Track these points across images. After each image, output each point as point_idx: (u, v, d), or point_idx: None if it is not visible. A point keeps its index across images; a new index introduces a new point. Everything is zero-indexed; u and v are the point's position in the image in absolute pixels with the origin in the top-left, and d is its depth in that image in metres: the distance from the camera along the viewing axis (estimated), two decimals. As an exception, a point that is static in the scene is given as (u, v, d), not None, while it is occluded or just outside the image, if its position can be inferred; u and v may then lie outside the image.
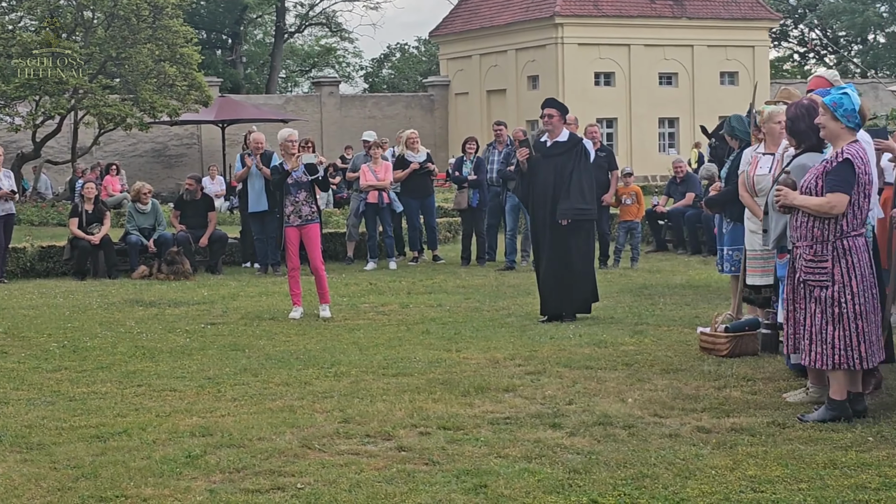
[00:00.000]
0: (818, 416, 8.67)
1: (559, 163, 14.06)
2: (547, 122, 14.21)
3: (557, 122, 14.22)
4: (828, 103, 8.70)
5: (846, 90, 8.78)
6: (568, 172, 14.00)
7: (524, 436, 8.40)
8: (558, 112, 14.27)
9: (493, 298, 16.36)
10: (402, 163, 21.62)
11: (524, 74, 54.94)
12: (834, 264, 8.61)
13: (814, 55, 78.31)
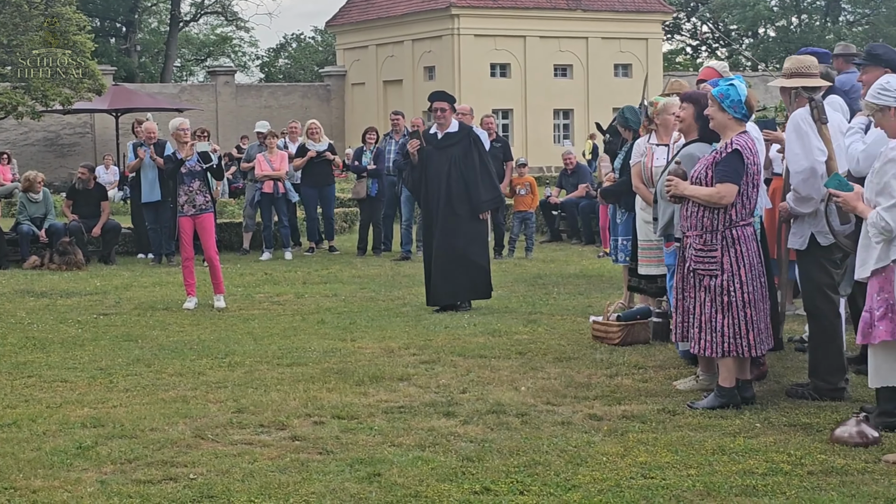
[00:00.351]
0: (707, 404, 8.81)
1: (453, 153, 14.12)
2: (440, 115, 14.25)
3: (449, 115, 14.31)
4: (715, 94, 8.84)
5: (733, 81, 8.92)
6: (472, 163, 14.07)
7: (418, 424, 8.44)
8: (448, 105, 14.36)
9: (388, 288, 16.38)
10: (302, 152, 21.55)
11: (421, 65, 54.98)
12: (723, 253, 8.74)
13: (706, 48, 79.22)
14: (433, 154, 14.17)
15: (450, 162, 14.07)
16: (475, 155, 14.18)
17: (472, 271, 14.11)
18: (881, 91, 7.48)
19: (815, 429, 8.22)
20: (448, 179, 14.03)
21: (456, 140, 14.21)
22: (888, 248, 7.29)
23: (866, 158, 8.24)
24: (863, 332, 7.47)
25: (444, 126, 14.26)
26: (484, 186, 14.15)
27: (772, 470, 7.22)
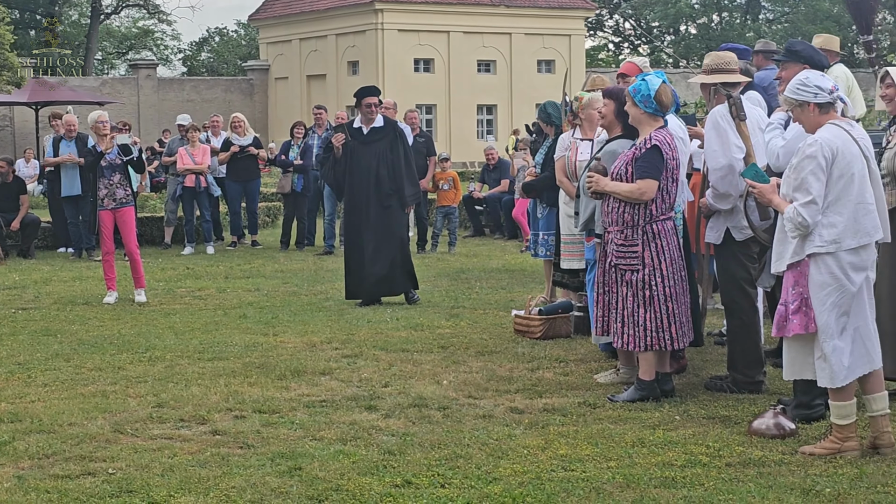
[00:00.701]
0: (627, 396, 8.87)
1: (380, 148, 14.08)
2: (373, 110, 14.18)
3: (377, 110, 14.28)
4: (630, 90, 8.92)
5: (646, 77, 8.97)
6: (398, 157, 14.07)
7: (340, 418, 8.43)
8: (378, 100, 14.33)
9: (311, 283, 16.34)
10: (227, 146, 21.43)
11: (344, 60, 54.89)
12: (644, 248, 8.80)
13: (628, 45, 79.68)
14: (359, 149, 14.11)
15: (377, 157, 14.04)
16: (400, 150, 14.18)
17: (407, 263, 14.13)
18: (800, 86, 7.56)
19: (733, 421, 8.30)
20: (377, 174, 14.00)
21: (382, 135, 14.18)
22: (803, 242, 7.37)
23: (786, 154, 8.32)
24: (778, 325, 7.55)
25: (371, 121, 14.21)
26: (408, 181, 14.17)
27: (690, 462, 7.29)
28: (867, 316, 7.49)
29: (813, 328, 7.38)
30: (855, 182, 7.35)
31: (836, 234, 7.31)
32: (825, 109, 7.51)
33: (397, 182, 14.04)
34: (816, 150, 7.31)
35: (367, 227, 14.00)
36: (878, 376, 7.54)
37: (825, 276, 7.34)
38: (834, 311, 7.35)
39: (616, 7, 77.88)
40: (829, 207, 7.33)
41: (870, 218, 7.40)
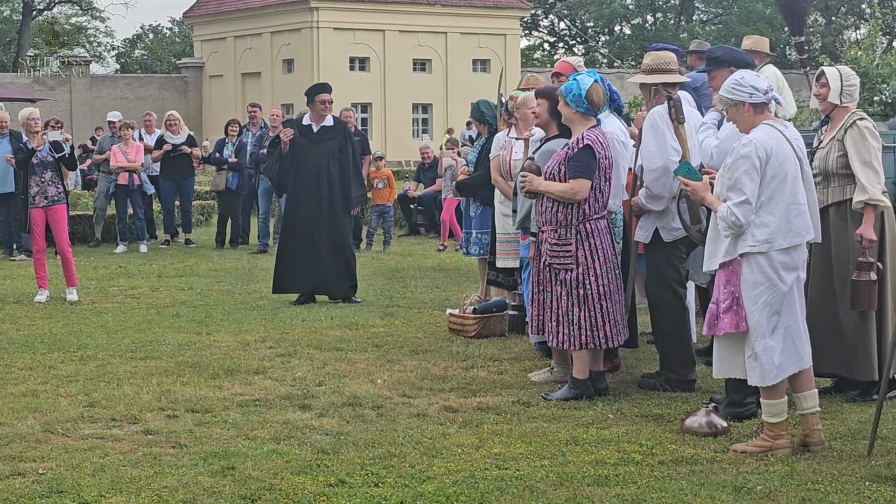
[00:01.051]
0: (561, 395, 8.90)
1: (329, 148, 14.01)
2: (327, 108, 14.08)
3: (330, 107, 14.17)
4: (562, 90, 8.95)
5: (577, 76, 9.00)
6: (347, 158, 14.02)
7: (273, 417, 8.40)
8: (330, 97, 14.22)
9: (245, 281, 16.27)
10: (161, 144, 21.28)
11: (279, 58, 54.71)
12: (578, 247, 8.83)
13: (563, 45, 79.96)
14: (308, 147, 13.99)
15: (327, 156, 13.96)
16: (349, 150, 14.12)
17: (350, 267, 14.08)
18: (735, 86, 7.61)
19: (665, 419, 8.35)
20: (328, 174, 13.92)
21: (333, 134, 14.09)
22: (736, 242, 7.42)
23: (720, 154, 8.38)
24: (709, 324, 7.60)
25: (322, 118, 14.12)
26: (356, 183, 14.13)
27: (623, 460, 7.32)
28: (798, 315, 7.56)
29: (744, 327, 7.44)
30: (788, 182, 7.41)
31: (768, 233, 7.37)
32: (760, 109, 7.57)
33: (344, 183, 13.98)
34: (751, 150, 7.36)
35: (310, 225, 13.91)
36: (808, 375, 7.61)
37: (757, 276, 7.39)
38: (765, 310, 7.41)
39: (551, 7, 78.12)
40: (762, 207, 7.39)
41: (802, 218, 7.47)
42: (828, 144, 8.67)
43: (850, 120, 8.63)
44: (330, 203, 13.91)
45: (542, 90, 9.75)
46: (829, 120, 8.80)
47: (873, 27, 20.78)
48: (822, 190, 8.68)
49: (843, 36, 72.04)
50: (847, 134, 8.58)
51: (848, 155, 8.56)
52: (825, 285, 8.71)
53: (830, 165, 8.63)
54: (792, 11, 14.29)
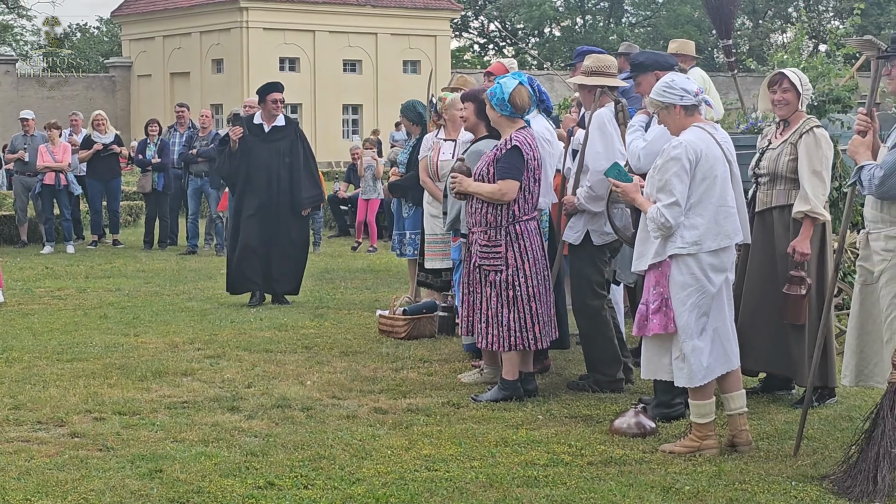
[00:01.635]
0: (491, 396, 8.91)
1: (280, 148, 13.93)
2: (279, 107, 14.00)
3: (281, 107, 14.09)
4: (487, 94, 8.98)
5: (500, 80, 9.01)
6: (297, 159, 13.95)
7: (202, 419, 8.34)
8: (282, 97, 14.13)
9: (173, 283, 16.17)
10: (88, 144, 21.09)
11: (209, 58, 54.40)
12: (507, 249, 8.85)
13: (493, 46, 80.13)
14: (258, 146, 13.91)
15: (278, 156, 13.89)
16: (301, 151, 14.06)
17: (300, 265, 14.03)
18: (665, 89, 7.65)
19: (595, 420, 8.39)
20: (277, 173, 13.85)
21: (284, 134, 14.02)
22: (665, 243, 7.46)
23: (647, 155, 8.42)
24: (638, 325, 7.64)
25: (274, 118, 14.04)
26: (307, 183, 14.05)
27: (553, 461, 7.35)
28: (726, 317, 7.62)
29: (672, 328, 7.48)
30: (717, 185, 7.46)
31: (697, 235, 7.42)
32: (690, 112, 7.62)
33: (294, 183, 13.91)
34: (681, 151, 7.40)
35: (261, 225, 13.84)
36: (735, 375, 7.67)
37: (686, 277, 7.44)
38: (694, 311, 7.46)
39: (481, 9, 78.28)
40: (692, 209, 7.43)
41: (731, 220, 7.53)
42: (780, 147, 8.66)
43: (806, 126, 8.62)
44: (279, 203, 13.85)
45: (468, 94, 9.76)
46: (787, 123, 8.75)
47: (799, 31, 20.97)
48: (767, 191, 8.72)
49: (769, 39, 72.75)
50: (802, 139, 8.58)
51: (798, 160, 8.58)
52: (768, 287, 8.73)
53: (780, 168, 8.63)
54: (719, 15, 14.37)
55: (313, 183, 14.27)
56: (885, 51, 7.22)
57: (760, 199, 8.77)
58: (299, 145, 14.08)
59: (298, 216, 14.09)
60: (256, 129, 13.99)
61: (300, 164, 14.00)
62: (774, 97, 8.67)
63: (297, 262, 14.07)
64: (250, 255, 13.80)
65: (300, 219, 14.18)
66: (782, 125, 8.77)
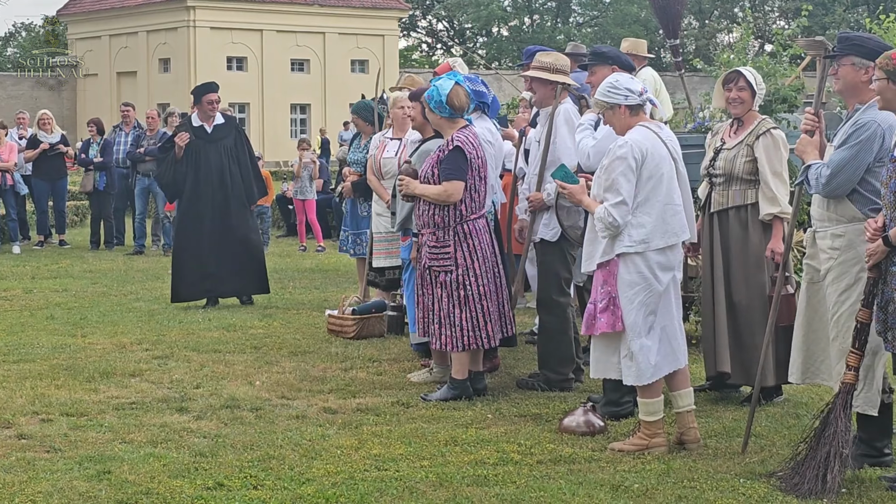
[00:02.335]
0: (441, 395, 8.92)
1: (226, 145, 13.87)
2: (216, 107, 13.94)
3: (218, 107, 14.03)
4: (425, 97, 8.97)
5: (436, 82, 9.00)
6: (244, 154, 13.92)
7: (150, 420, 8.30)
8: (218, 97, 14.08)
9: (121, 283, 16.07)
10: (35, 144, 20.93)
11: (155, 57, 54.16)
12: (456, 249, 8.85)
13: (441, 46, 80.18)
14: (204, 147, 13.82)
15: (226, 155, 13.82)
16: (245, 146, 14.03)
17: (258, 263, 13.97)
18: (610, 89, 7.68)
19: (544, 419, 8.41)
20: (229, 172, 13.79)
21: (226, 132, 13.97)
22: (613, 242, 7.49)
23: (596, 154, 8.44)
24: (587, 324, 7.67)
25: (211, 118, 13.97)
26: (256, 178, 14.06)
27: (502, 460, 7.36)
28: (674, 315, 7.66)
29: (620, 327, 7.51)
30: (663, 183, 7.50)
31: (644, 234, 7.45)
32: (635, 111, 7.65)
33: (245, 180, 13.86)
34: (627, 151, 7.44)
35: (214, 226, 13.75)
36: (684, 373, 7.72)
37: (633, 276, 7.47)
38: (642, 309, 7.49)
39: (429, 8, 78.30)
40: (639, 208, 7.47)
41: (678, 218, 7.57)
42: (735, 147, 8.67)
43: (762, 127, 8.65)
44: (233, 201, 13.80)
45: (415, 93, 9.78)
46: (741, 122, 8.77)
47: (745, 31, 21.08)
48: (723, 192, 8.73)
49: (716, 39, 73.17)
50: (759, 141, 8.60)
51: (758, 162, 8.60)
52: (722, 289, 8.75)
53: (737, 169, 8.63)
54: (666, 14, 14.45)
55: (259, 177, 14.29)
56: (832, 51, 7.28)
57: (716, 199, 8.77)
58: (242, 141, 14.05)
59: (249, 213, 14.05)
60: (198, 132, 13.90)
61: (247, 159, 13.96)
62: (730, 95, 8.70)
63: (259, 259, 14.02)
64: (202, 261, 13.70)
65: (252, 215, 14.15)
66: (736, 124, 8.80)
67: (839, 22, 63.92)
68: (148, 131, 20.27)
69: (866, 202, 7.02)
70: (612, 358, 7.64)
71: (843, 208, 7.11)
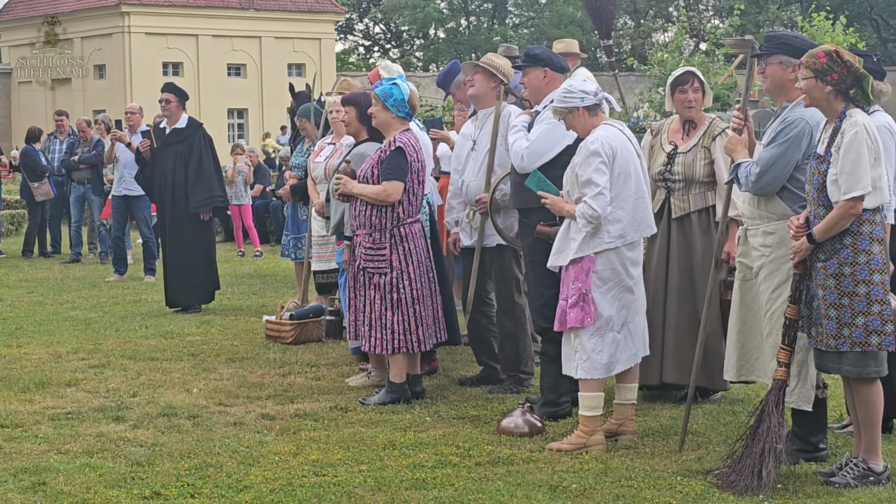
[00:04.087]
0: (379, 399, 8.91)
1: (179, 151, 13.80)
2: (165, 107, 13.89)
3: (175, 108, 13.92)
4: (379, 93, 8.95)
5: (396, 80, 9.04)
6: (195, 160, 13.82)
7: (86, 430, 8.24)
8: (176, 98, 13.96)
9: (57, 292, 15.94)
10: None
11: (91, 63, 53.74)
12: (392, 251, 8.85)
13: (378, 48, 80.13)
14: (159, 151, 13.84)
15: (175, 160, 13.76)
16: (199, 152, 13.91)
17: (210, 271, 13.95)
18: (566, 95, 7.72)
19: (482, 420, 8.42)
20: (173, 177, 13.73)
21: (183, 137, 13.90)
22: (590, 239, 7.52)
23: (530, 155, 8.43)
24: (559, 320, 7.69)
25: (172, 120, 13.90)
26: (198, 186, 13.86)
27: (441, 462, 7.36)
28: (639, 309, 7.76)
29: (588, 322, 7.56)
30: (633, 178, 7.62)
31: (621, 228, 7.56)
32: (594, 111, 7.73)
33: (188, 186, 13.79)
34: (598, 147, 7.54)
35: (167, 234, 13.83)
36: (637, 367, 7.81)
37: (608, 272, 7.55)
38: (614, 304, 7.57)
39: (366, 11, 78.23)
40: (612, 203, 7.53)
41: (647, 212, 7.71)
42: (692, 151, 8.66)
43: (717, 127, 8.67)
44: (177, 208, 13.76)
45: (348, 98, 9.76)
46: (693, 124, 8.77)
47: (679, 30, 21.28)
48: (683, 196, 8.70)
49: (651, 38, 73.56)
50: (716, 142, 8.61)
51: (715, 164, 8.63)
52: (687, 295, 8.69)
53: (697, 173, 8.60)
54: (600, 15, 14.54)
55: (206, 186, 13.97)
56: (759, 49, 7.33)
57: (677, 205, 8.73)
58: (197, 146, 13.92)
59: (198, 220, 13.93)
60: (160, 133, 14.02)
61: (211, 165, 13.88)
62: (685, 97, 8.71)
63: (203, 269, 13.94)
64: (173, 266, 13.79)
65: (201, 223, 13.99)
66: (688, 126, 8.81)
67: (773, 20, 64.39)
68: (82, 139, 20.11)
69: (796, 199, 7.08)
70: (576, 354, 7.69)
71: (774, 206, 7.18)
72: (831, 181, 6.64)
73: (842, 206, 6.59)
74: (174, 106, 13.93)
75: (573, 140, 8.15)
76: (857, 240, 6.64)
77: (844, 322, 6.66)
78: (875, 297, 6.65)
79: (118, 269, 17.26)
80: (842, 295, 6.66)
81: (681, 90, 8.73)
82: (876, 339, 6.66)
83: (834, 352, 6.73)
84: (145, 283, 16.67)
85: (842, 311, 6.66)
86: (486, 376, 9.62)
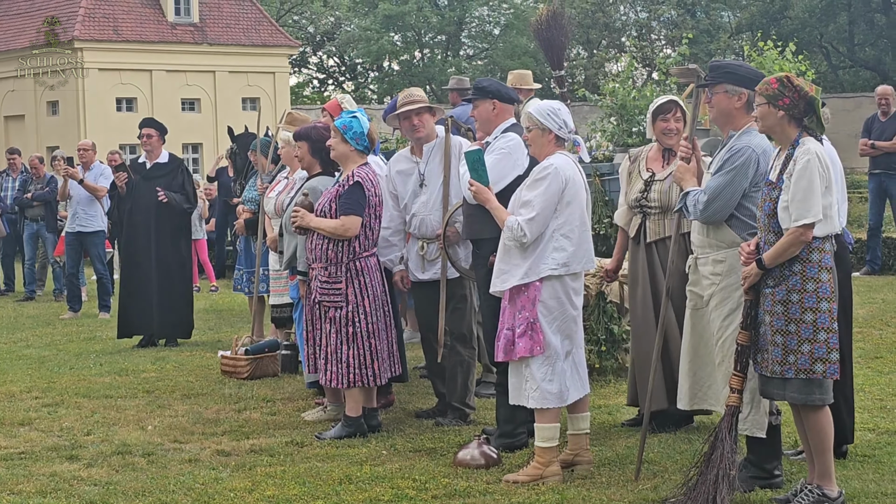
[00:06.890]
0: (335, 433, 8.88)
1: (163, 185, 13.77)
2: (146, 141, 13.88)
3: (156, 143, 13.94)
4: (338, 126, 8.95)
5: (356, 114, 9.05)
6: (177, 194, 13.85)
7: (39, 470, 8.18)
8: (157, 132, 13.97)
9: (10, 330, 15.82)
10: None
11: (44, 100, 53.52)
12: (348, 285, 8.84)
13: (332, 81, 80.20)
14: (140, 185, 13.81)
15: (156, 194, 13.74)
16: (181, 188, 13.90)
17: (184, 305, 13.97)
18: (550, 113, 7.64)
19: (439, 453, 8.41)
20: (157, 210, 13.70)
21: (165, 171, 13.89)
22: (536, 265, 7.54)
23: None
24: (505, 350, 7.68)
25: (153, 155, 13.90)
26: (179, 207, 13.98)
27: (397, 496, 7.34)
28: (581, 342, 7.79)
29: (538, 351, 7.57)
30: (580, 210, 7.66)
31: (566, 257, 7.58)
32: (559, 143, 7.81)
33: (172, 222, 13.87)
34: (551, 173, 7.60)
35: (149, 266, 13.78)
36: (587, 398, 7.84)
37: (552, 301, 7.57)
38: (558, 334, 7.60)
39: (320, 45, 78.30)
40: (560, 230, 7.58)
41: (590, 245, 7.76)
42: (668, 179, 8.67)
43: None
44: (160, 242, 13.76)
45: (300, 133, 9.73)
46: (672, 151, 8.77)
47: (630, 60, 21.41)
48: (658, 222, 8.73)
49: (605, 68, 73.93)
50: None
51: None
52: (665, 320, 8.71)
53: (673, 200, 8.57)
54: (551, 46, 14.62)
55: None
56: (704, 79, 7.39)
57: (652, 229, 8.77)
58: (178, 181, 13.93)
59: (179, 256, 13.98)
60: (140, 168, 14.04)
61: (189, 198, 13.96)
62: (667, 126, 8.78)
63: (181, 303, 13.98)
64: (139, 300, 13.73)
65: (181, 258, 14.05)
66: (668, 154, 8.85)
67: (724, 49, 64.81)
68: (34, 176, 20.01)
69: (745, 227, 7.14)
70: (526, 384, 7.70)
71: (723, 234, 7.23)
72: (782, 208, 6.69)
73: (792, 233, 6.65)
74: (155, 140, 13.98)
75: (524, 171, 8.20)
76: (807, 267, 6.69)
77: (790, 349, 6.71)
78: (822, 325, 6.70)
79: (72, 306, 17.17)
80: (789, 321, 6.71)
81: (663, 118, 8.81)
82: (821, 366, 6.71)
83: (779, 378, 6.78)
84: (100, 319, 16.57)
85: (788, 337, 6.71)
86: (442, 409, 9.60)
